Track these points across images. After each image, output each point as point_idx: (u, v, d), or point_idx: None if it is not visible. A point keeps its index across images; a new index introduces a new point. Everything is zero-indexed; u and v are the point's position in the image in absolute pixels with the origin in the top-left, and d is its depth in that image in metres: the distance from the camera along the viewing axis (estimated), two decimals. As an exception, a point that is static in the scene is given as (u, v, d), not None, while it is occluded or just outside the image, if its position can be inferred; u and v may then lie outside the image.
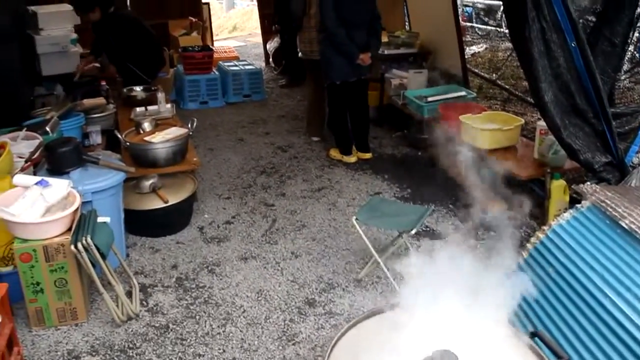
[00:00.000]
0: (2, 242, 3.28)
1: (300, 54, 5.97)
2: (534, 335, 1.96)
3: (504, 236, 2.74)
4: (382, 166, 5.44)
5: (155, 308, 3.42)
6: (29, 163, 3.80)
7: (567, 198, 3.96)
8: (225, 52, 9.75)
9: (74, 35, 6.28)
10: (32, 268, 3.10)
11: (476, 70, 8.45)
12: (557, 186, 3.94)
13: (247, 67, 8.14)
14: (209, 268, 3.82)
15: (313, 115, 6.19)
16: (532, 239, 2.95)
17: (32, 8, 6.24)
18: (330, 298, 3.47)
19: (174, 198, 4.20)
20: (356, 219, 3.54)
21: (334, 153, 5.65)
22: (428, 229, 4.26)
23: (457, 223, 4.36)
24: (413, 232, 3.45)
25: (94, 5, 6.06)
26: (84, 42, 6.62)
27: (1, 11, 5.33)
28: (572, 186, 3.70)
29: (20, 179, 3.31)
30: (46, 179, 3.27)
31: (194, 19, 9.60)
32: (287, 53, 8.51)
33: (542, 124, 4.10)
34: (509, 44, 9.21)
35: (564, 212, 2.95)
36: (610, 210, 2.56)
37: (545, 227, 2.91)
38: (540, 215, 4.15)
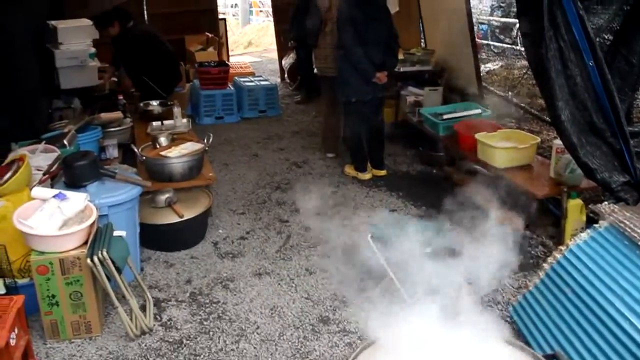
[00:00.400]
0: (19, 254, 3.30)
1: (315, 71, 6.01)
2: (552, 357, 1.93)
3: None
4: (397, 183, 5.43)
5: (169, 323, 3.42)
6: (46, 176, 3.84)
7: (584, 218, 3.92)
8: (241, 67, 9.83)
9: (93, 50, 6.36)
10: (48, 281, 3.12)
11: (492, 88, 8.43)
12: (574, 205, 3.91)
13: (262, 82, 8.19)
14: (223, 283, 3.82)
15: (328, 132, 6.21)
16: (549, 259, 2.93)
17: (52, 23, 6.34)
18: (344, 316, 3.46)
19: (189, 213, 4.21)
20: (371, 236, 3.53)
21: (349, 170, 5.65)
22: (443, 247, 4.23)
23: (471, 241, 4.32)
24: (429, 250, 3.42)
25: (113, 19, 6.16)
26: (102, 56, 6.70)
27: (23, 26, 5.42)
28: (589, 206, 3.67)
29: (38, 191, 3.34)
30: (64, 192, 3.30)
31: (210, 35, 9.70)
32: (303, 69, 8.55)
33: (558, 142, 4.08)
34: (524, 62, 9.20)
35: (581, 232, 2.93)
36: (629, 230, 2.53)
37: (562, 247, 2.89)
38: (556, 235, 4.12)
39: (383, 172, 5.62)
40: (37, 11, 6.18)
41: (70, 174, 3.74)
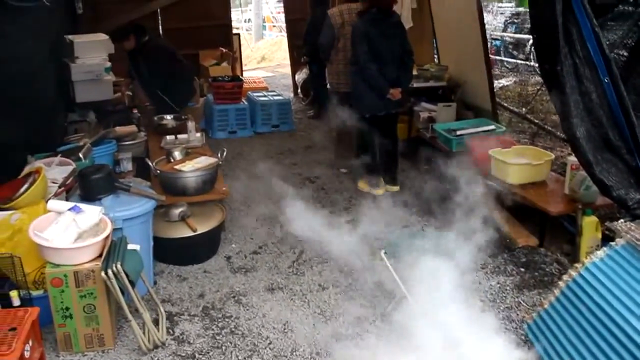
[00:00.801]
0: (34, 266, 3.32)
1: (328, 86, 6.03)
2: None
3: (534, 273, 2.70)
4: (410, 199, 5.41)
5: (181, 337, 3.42)
6: (62, 189, 3.87)
7: (600, 235, 3.89)
8: (255, 82, 9.88)
9: (108, 64, 6.44)
10: (62, 293, 3.14)
11: (505, 104, 8.42)
12: (589, 223, 3.88)
13: (275, 97, 8.23)
14: (236, 298, 3.82)
15: (341, 147, 6.22)
16: (565, 277, 2.90)
17: (69, 37, 6.43)
18: (357, 332, 3.43)
19: (202, 227, 4.22)
20: (384, 252, 3.52)
21: (363, 185, 5.65)
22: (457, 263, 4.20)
23: (485, 258, 4.30)
24: (441, 266, 3.40)
25: (129, 33, 6.23)
26: (117, 70, 6.78)
27: (42, 41, 5.49)
28: (605, 223, 3.64)
29: (54, 204, 3.37)
30: (79, 205, 3.32)
31: (224, 50, 9.77)
32: (316, 84, 8.58)
33: (573, 159, 4.06)
34: (538, 78, 9.18)
35: (597, 249, 2.91)
36: (647, 249, 2.51)
37: (577, 265, 2.86)
38: (571, 252, 4.09)
39: (396, 188, 5.61)
40: (55, 25, 6.27)
41: (86, 187, 3.77)
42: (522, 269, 4.08)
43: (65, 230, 3.17)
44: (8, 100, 4.42)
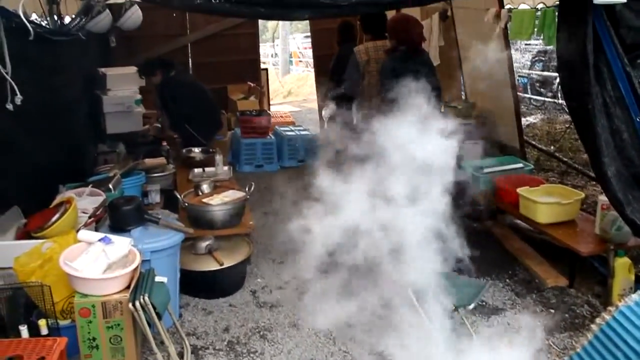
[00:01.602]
0: (62, 295, 3.34)
1: (354, 122, 6.05)
2: None
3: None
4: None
5: (206, 371, 3.41)
6: (92, 219, 3.92)
7: (633, 277, 3.81)
8: (282, 116, 9.98)
9: (139, 97, 6.59)
10: (89, 323, 3.15)
11: (533, 142, 8.36)
12: (622, 264, 3.80)
13: (302, 132, 8.28)
14: (261, 333, 3.80)
15: (367, 182, 6.20)
16: (597, 320, 2.83)
17: (102, 70, 6.60)
18: (383, 371, 3.39)
19: (228, 260, 4.23)
20: (411, 289, 3.48)
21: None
22: (484, 303, 4.14)
23: (514, 298, 4.23)
24: (471, 307, 3.37)
25: (156, 69, 6.37)
26: (146, 102, 6.92)
27: (76, 73, 5.64)
28: (639, 265, 3.58)
29: (84, 234, 3.41)
30: (109, 236, 3.36)
31: (252, 84, 9.90)
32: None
33: (603, 198, 4.00)
34: (567, 116, 9.13)
35: (630, 292, 2.85)
36: (683, 293, 2.45)
37: (611, 308, 2.79)
38: (603, 294, 4.00)
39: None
40: (88, 58, 6.45)
41: (116, 218, 3.82)
42: (552, 310, 4.00)
43: (95, 260, 3.20)
44: (42, 131, 4.54)
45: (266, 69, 11.38)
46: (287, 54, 19.71)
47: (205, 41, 9.69)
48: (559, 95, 10.85)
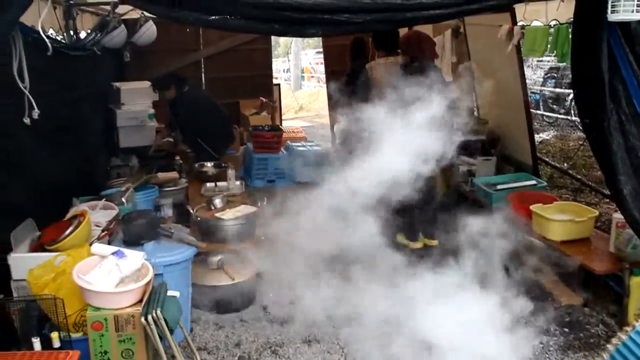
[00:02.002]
0: (75, 308, 3.35)
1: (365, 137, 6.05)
2: None
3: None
4: (449, 253, 5.33)
5: (217, 386, 3.39)
6: (105, 232, 3.93)
7: (649, 296, 3.77)
8: (294, 132, 9.99)
9: (152, 111, 6.65)
10: (101, 337, 3.15)
11: (546, 159, 8.32)
12: (637, 283, 3.76)
13: (314, 148, 8.27)
14: (272, 349, 3.78)
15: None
16: (614, 340, 2.80)
17: (116, 84, 6.66)
18: (395, 389, 3.36)
19: (240, 275, 4.23)
20: (421, 305, 3.46)
21: (401, 238, 5.60)
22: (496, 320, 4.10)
23: (527, 316, 4.18)
24: (480, 323, 3.33)
25: (170, 84, 6.42)
26: (159, 117, 6.96)
27: (91, 87, 5.70)
28: (655, 284, 3.54)
29: (98, 248, 3.42)
30: (122, 249, 3.37)
31: (264, 99, 9.93)
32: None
33: (618, 216, 3.96)
34: (580, 134, 9.09)
35: (647, 311, 2.81)
36: (701, 313, 2.41)
37: (627, 328, 2.76)
38: (618, 313, 3.96)
39: (435, 242, 5.54)
40: (103, 73, 6.52)
41: (129, 232, 3.83)
42: (566, 329, 3.96)
43: (108, 274, 3.21)
44: (57, 144, 4.58)
45: (278, 84, 11.42)
46: (299, 70, 19.81)
47: (218, 56, 9.73)
48: (572, 112, 10.82)
